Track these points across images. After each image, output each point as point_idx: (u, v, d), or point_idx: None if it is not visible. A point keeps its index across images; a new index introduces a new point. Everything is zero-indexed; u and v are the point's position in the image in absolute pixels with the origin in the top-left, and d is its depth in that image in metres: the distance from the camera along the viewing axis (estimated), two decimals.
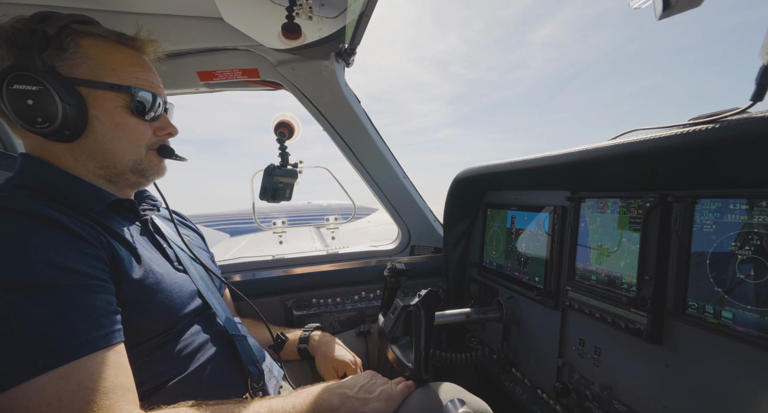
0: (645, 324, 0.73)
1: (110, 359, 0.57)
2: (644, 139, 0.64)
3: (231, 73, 1.31)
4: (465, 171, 1.34)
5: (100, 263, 0.64)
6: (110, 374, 0.56)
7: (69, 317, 0.55)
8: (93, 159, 0.75)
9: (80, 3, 0.95)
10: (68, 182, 0.73)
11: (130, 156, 0.78)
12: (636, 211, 0.79)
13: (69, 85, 0.69)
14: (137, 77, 0.76)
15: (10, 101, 0.67)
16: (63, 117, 0.68)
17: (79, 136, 0.72)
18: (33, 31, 0.68)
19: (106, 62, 0.73)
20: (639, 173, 0.78)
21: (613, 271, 0.84)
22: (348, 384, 0.82)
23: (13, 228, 0.57)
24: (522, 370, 1.17)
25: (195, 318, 0.83)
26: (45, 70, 0.68)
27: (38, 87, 0.66)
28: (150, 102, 0.77)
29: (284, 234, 1.73)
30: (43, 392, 0.50)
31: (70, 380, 0.52)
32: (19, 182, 0.71)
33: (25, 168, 0.73)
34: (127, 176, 0.79)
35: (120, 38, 0.76)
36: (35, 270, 0.55)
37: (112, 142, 0.75)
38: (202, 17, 1.08)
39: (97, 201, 0.75)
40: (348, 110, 1.41)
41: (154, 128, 0.81)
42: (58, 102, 0.67)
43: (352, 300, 1.53)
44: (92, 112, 0.72)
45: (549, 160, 0.89)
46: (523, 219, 1.20)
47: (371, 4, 0.96)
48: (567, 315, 0.99)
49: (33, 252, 0.56)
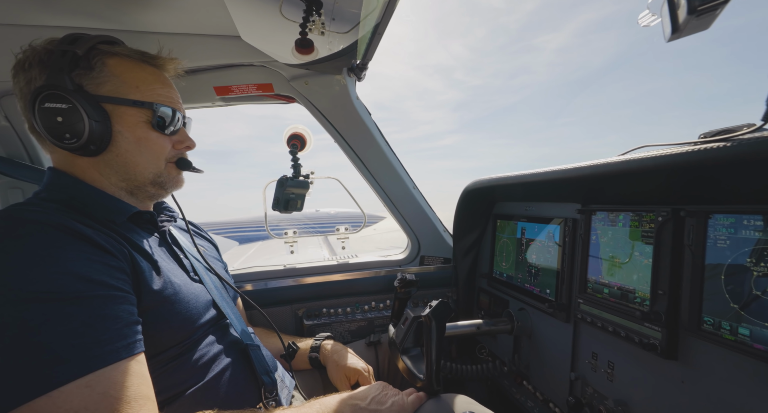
0: (660, 339, 0.73)
1: (132, 368, 0.59)
2: (655, 156, 0.65)
3: (246, 88, 1.35)
4: (475, 182, 1.36)
5: (122, 274, 0.66)
6: (132, 383, 0.58)
7: (94, 327, 0.57)
8: (116, 172, 0.78)
9: (107, 24, 1.00)
10: (92, 195, 0.76)
11: (151, 169, 0.81)
12: (648, 225, 0.79)
13: (95, 103, 0.72)
14: (158, 93, 0.80)
15: (41, 118, 0.70)
16: (89, 133, 0.71)
17: (104, 150, 0.75)
18: (63, 52, 0.72)
19: (129, 80, 0.77)
20: (649, 187, 0.79)
21: (625, 285, 0.84)
22: (360, 396, 0.82)
23: (44, 241, 0.59)
24: (534, 383, 1.16)
25: (210, 329, 0.85)
26: (74, 88, 0.71)
27: (67, 105, 0.70)
28: (170, 117, 0.81)
29: (295, 243, 1.75)
30: (70, 400, 0.52)
31: (95, 389, 0.54)
32: (47, 196, 0.74)
33: (53, 182, 0.76)
34: (147, 188, 0.82)
35: (143, 57, 0.80)
36: (64, 282, 0.57)
37: (134, 155, 0.78)
38: (221, 36, 1.13)
39: (119, 213, 0.77)
40: (359, 123, 1.44)
41: (173, 142, 0.84)
42: (86, 119, 0.70)
43: (362, 310, 1.54)
44: (116, 127, 0.75)
45: (560, 173, 0.89)
46: (533, 230, 1.21)
47: (385, 20, 0.99)
48: (579, 328, 0.99)
49: (62, 264, 0.58)
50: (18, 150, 1.35)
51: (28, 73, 0.73)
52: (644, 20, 0.73)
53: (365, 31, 1.10)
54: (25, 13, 0.93)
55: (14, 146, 1.34)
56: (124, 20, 0.99)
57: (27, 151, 1.36)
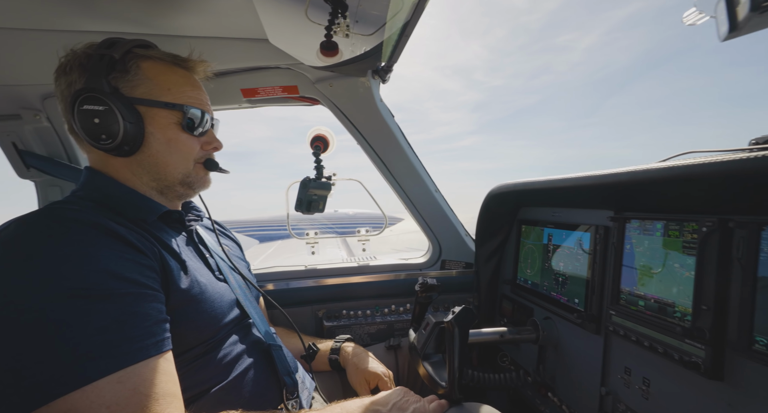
0: (703, 357, 0.68)
1: (160, 366, 0.60)
2: (703, 163, 0.60)
3: (272, 90, 1.36)
4: (499, 186, 1.32)
5: (153, 273, 0.67)
6: (161, 380, 0.58)
7: (125, 324, 0.58)
8: (147, 172, 0.80)
9: (142, 29, 1.03)
10: (125, 195, 0.78)
11: (180, 169, 0.82)
12: (690, 235, 0.74)
13: (129, 105, 0.75)
14: (188, 95, 0.81)
15: (80, 119, 0.73)
16: (124, 134, 0.73)
17: (137, 151, 0.78)
18: (102, 56, 0.74)
19: (162, 82, 0.79)
20: (692, 196, 0.74)
21: (663, 297, 0.79)
22: (381, 401, 0.81)
23: (82, 239, 0.61)
24: (560, 396, 1.11)
25: (234, 328, 0.86)
26: (110, 91, 0.74)
27: (104, 107, 0.72)
28: (199, 118, 0.82)
29: (316, 244, 1.76)
30: (102, 395, 0.53)
31: (126, 384, 0.55)
32: (84, 194, 0.76)
33: (89, 181, 0.79)
34: (176, 188, 0.84)
35: (174, 60, 0.82)
36: (98, 279, 0.58)
37: (165, 156, 0.80)
38: (249, 39, 1.15)
39: (150, 212, 0.79)
40: (382, 125, 1.43)
41: (201, 143, 0.85)
42: (120, 120, 0.73)
43: (381, 313, 1.53)
44: (148, 128, 0.77)
45: (594, 179, 0.86)
46: (560, 237, 1.16)
47: (414, 19, 0.98)
48: (610, 341, 0.94)
49: (97, 261, 0.60)
50: (58, 149, 1.41)
51: (69, 77, 0.76)
52: (690, 19, 0.68)
53: (391, 32, 1.09)
54: (66, 19, 0.97)
55: (54, 146, 1.41)
56: (158, 24, 1.03)
57: (66, 150, 1.43)
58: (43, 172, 1.41)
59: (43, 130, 1.36)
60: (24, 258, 0.56)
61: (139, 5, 0.94)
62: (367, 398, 0.82)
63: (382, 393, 0.85)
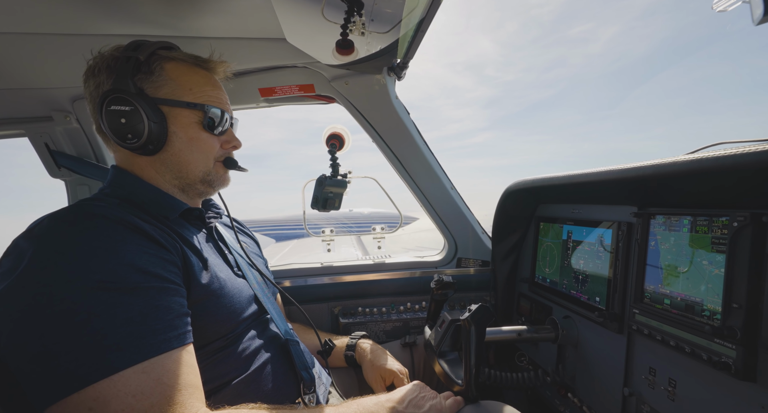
0: (734, 357, 0.65)
1: (183, 358, 0.61)
2: (735, 154, 0.58)
3: (289, 89, 1.38)
4: (517, 183, 1.30)
5: (175, 268, 0.69)
6: (183, 372, 0.60)
7: (149, 316, 0.60)
8: (170, 170, 0.83)
9: (165, 31, 1.07)
10: (149, 192, 0.81)
11: (201, 167, 0.84)
12: (720, 231, 0.71)
13: (154, 105, 0.77)
14: (209, 95, 0.83)
15: (107, 120, 0.76)
16: (148, 133, 0.76)
17: (160, 150, 0.80)
18: (128, 58, 0.77)
19: (184, 83, 0.81)
20: (721, 190, 0.71)
21: (691, 296, 0.76)
22: (397, 398, 0.81)
23: (109, 235, 0.63)
24: (580, 396, 1.09)
25: (252, 323, 0.87)
26: (136, 92, 0.76)
27: (130, 107, 0.75)
28: (219, 117, 0.84)
29: (332, 242, 1.78)
30: (128, 384, 0.54)
31: (150, 375, 0.56)
32: (110, 192, 0.79)
33: (115, 179, 0.82)
34: (197, 186, 0.86)
35: (196, 61, 0.84)
36: (124, 273, 0.60)
37: (187, 154, 0.82)
38: (267, 39, 1.17)
39: (172, 209, 0.82)
40: (398, 122, 1.43)
41: (221, 142, 0.87)
42: (145, 120, 0.75)
43: (397, 311, 1.53)
44: (171, 128, 0.80)
45: (617, 173, 0.83)
46: (581, 234, 1.14)
47: (430, 16, 0.98)
48: (634, 340, 0.92)
49: (122, 256, 0.62)
50: (86, 150, 1.47)
51: (97, 78, 0.79)
52: (720, 5, 0.66)
53: (407, 29, 1.09)
54: (93, 24, 1.01)
55: (83, 146, 1.47)
56: (180, 26, 1.06)
57: (94, 151, 1.48)
58: (72, 172, 1.47)
59: (73, 131, 1.43)
60: (55, 253, 0.59)
61: (162, 8, 0.97)
62: (383, 395, 0.82)
63: (399, 390, 0.85)
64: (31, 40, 1.04)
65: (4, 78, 1.19)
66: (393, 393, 0.83)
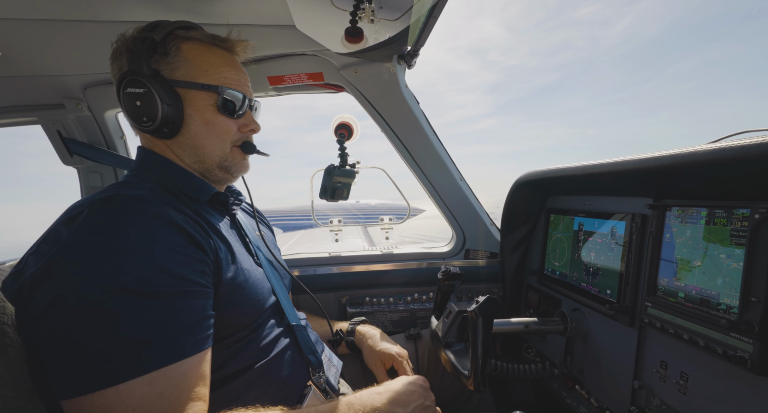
0: (751, 352, 0.64)
1: (193, 368, 0.59)
2: (764, 142, 0.56)
3: (298, 77, 1.37)
4: (527, 174, 1.28)
5: (204, 267, 0.67)
6: (188, 385, 0.58)
7: (166, 323, 0.58)
8: (188, 154, 0.81)
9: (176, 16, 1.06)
10: (180, 174, 0.80)
11: (217, 152, 0.82)
12: (740, 223, 0.69)
13: (169, 87, 0.75)
14: (225, 76, 0.80)
15: (124, 103, 0.76)
16: (163, 116, 0.74)
17: (177, 133, 0.78)
18: (144, 39, 0.75)
19: (200, 63, 0.78)
20: (741, 181, 0.69)
21: (706, 289, 0.75)
22: (402, 401, 0.77)
23: (143, 231, 0.61)
24: (588, 388, 1.09)
25: (271, 312, 0.87)
26: (150, 74, 0.75)
27: (144, 89, 0.73)
28: (235, 100, 0.81)
29: (339, 232, 1.78)
30: (131, 396, 0.53)
31: (154, 387, 0.54)
32: (142, 174, 0.78)
33: (145, 160, 0.81)
34: (215, 172, 0.84)
35: (214, 40, 0.82)
36: (150, 274, 0.58)
37: (203, 138, 0.80)
38: (276, 25, 1.15)
39: (203, 192, 0.80)
40: (407, 111, 1.42)
41: (238, 125, 0.84)
42: (159, 102, 0.73)
43: (404, 301, 1.53)
44: (187, 110, 0.78)
45: (632, 164, 0.81)
46: (592, 226, 1.12)
47: (441, 4, 0.95)
48: (645, 333, 0.90)
49: (152, 255, 0.59)
50: (98, 137, 1.49)
51: (119, 62, 0.78)
52: None
53: (419, 15, 1.06)
54: (104, 10, 1.01)
55: (94, 134, 1.48)
56: (193, 11, 1.04)
57: (105, 138, 1.50)
58: (85, 158, 1.49)
59: (85, 119, 1.44)
60: (88, 245, 0.58)
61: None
62: (385, 393, 0.77)
63: (404, 389, 0.80)
64: (43, 26, 1.04)
65: (17, 65, 1.20)
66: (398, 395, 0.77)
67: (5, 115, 1.42)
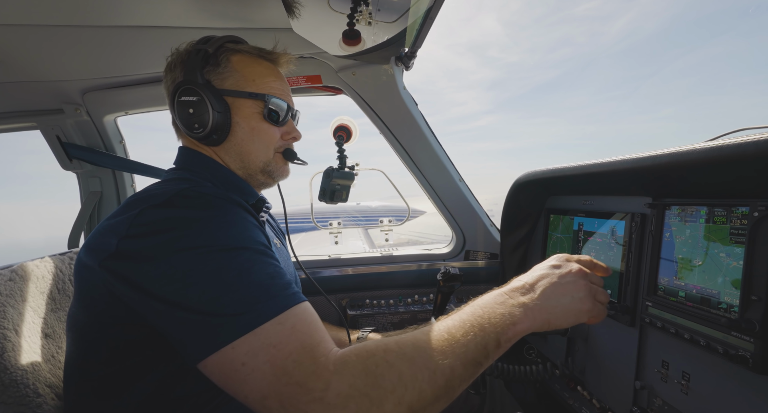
0: (752, 351, 0.64)
1: (308, 310, 0.63)
2: (760, 140, 0.56)
3: (296, 80, 1.38)
4: (527, 174, 1.28)
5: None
6: (311, 320, 0.61)
7: (279, 275, 0.63)
8: (233, 159, 0.85)
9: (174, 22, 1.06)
10: (229, 176, 0.84)
11: (261, 157, 0.86)
12: (740, 221, 0.69)
13: (219, 96, 0.79)
14: (271, 86, 0.85)
15: (178, 110, 0.79)
16: (213, 123, 0.78)
17: (224, 139, 0.82)
18: (198, 51, 0.80)
19: (248, 74, 0.83)
20: (741, 179, 0.69)
21: (707, 288, 0.74)
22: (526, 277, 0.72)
23: (229, 211, 0.66)
24: (589, 389, 1.08)
25: None
26: (203, 83, 0.79)
27: (197, 98, 0.77)
28: (279, 108, 0.85)
29: (339, 234, 1.78)
30: (269, 336, 0.56)
31: (285, 325, 0.57)
32: (194, 174, 0.81)
33: (194, 161, 0.84)
34: (257, 177, 0.88)
35: (260, 52, 0.87)
36: (255, 237, 0.65)
37: (248, 144, 0.84)
38: (274, 29, 1.15)
39: (251, 195, 0.85)
40: (405, 113, 1.42)
41: (281, 132, 0.88)
42: (211, 110, 0.77)
43: (405, 303, 1.53)
44: (234, 118, 0.82)
45: (631, 163, 0.81)
46: (592, 226, 1.12)
47: (438, 4, 0.96)
48: (646, 333, 0.90)
49: (247, 227, 0.66)
50: (96, 141, 1.49)
51: (173, 73, 0.82)
52: None
53: (415, 17, 1.07)
54: (102, 15, 1.01)
55: (93, 138, 1.48)
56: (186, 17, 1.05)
57: (104, 142, 1.50)
58: (86, 162, 1.49)
59: (84, 124, 1.44)
60: (199, 219, 0.62)
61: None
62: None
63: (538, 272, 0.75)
64: (41, 31, 1.04)
65: (15, 70, 1.20)
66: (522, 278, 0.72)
67: (4, 120, 1.42)
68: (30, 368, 0.71)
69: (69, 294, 0.95)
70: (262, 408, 0.54)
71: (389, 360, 0.55)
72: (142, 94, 1.42)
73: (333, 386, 0.52)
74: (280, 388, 0.52)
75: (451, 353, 0.57)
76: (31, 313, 0.81)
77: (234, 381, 0.54)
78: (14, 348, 0.57)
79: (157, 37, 1.13)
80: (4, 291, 0.76)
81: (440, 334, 0.59)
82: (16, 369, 0.67)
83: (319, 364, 0.54)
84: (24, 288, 0.82)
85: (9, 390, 0.64)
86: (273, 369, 0.53)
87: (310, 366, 0.53)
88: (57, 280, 0.92)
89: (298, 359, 0.54)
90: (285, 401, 0.52)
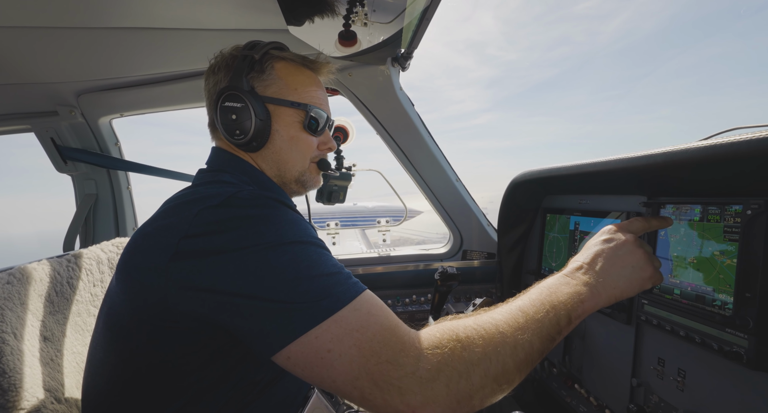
0: (746, 347, 0.64)
1: (374, 296, 0.63)
2: (752, 139, 0.56)
3: None
4: (523, 174, 1.29)
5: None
6: (382, 305, 0.61)
7: (341, 266, 0.63)
8: (270, 167, 0.84)
9: (163, 23, 1.06)
10: (267, 182, 0.83)
11: (297, 167, 0.85)
12: (733, 219, 0.70)
13: (261, 103, 0.78)
14: (312, 96, 0.84)
15: (220, 115, 0.78)
16: (254, 130, 0.77)
17: (263, 147, 0.81)
18: (245, 57, 0.78)
19: (290, 82, 0.82)
20: (734, 177, 0.70)
21: (701, 285, 0.75)
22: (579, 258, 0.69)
23: (286, 210, 0.66)
24: (587, 387, 1.09)
25: None
26: (248, 89, 0.78)
27: (241, 104, 0.77)
28: (319, 118, 0.85)
29: (337, 235, 1.78)
30: (349, 321, 0.56)
31: (361, 310, 0.57)
32: (236, 179, 0.79)
33: (232, 164, 0.83)
34: (291, 186, 0.87)
35: (304, 61, 0.86)
36: (314, 235, 0.65)
37: (286, 152, 0.83)
38: (270, 30, 1.15)
39: (288, 200, 0.84)
40: (402, 114, 1.42)
41: (318, 142, 0.88)
42: (253, 117, 0.77)
43: (403, 303, 1.53)
44: (275, 126, 0.81)
45: (626, 162, 0.82)
46: (588, 225, 1.13)
47: (434, 4, 0.96)
48: (642, 331, 0.91)
49: (304, 224, 0.66)
50: (91, 143, 1.48)
51: (216, 76, 0.81)
52: None
53: (411, 18, 1.07)
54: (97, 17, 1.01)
55: (88, 140, 1.47)
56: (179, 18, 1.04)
57: (99, 144, 1.49)
58: (81, 163, 1.48)
59: (78, 126, 1.43)
60: (262, 217, 0.62)
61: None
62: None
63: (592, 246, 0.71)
64: (35, 33, 1.04)
65: (9, 72, 1.19)
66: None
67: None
68: (29, 372, 0.71)
69: (67, 297, 0.94)
70: (353, 389, 0.54)
71: (471, 336, 0.56)
72: (138, 95, 1.41)
73: (423, 360, 0.53)
74: (371, 368, 0.53)
75: (528, 329, 0.58)
76: (29, 316, 0.80)
77: (320, 367, 0.55)
78: (13, 352, 0.57)
79: (151, 38, 1.12)
80: (2, 295, 0.75)
81: (515, 313, 0.61)
82: (15, 372, 0.67)
83: (405, 342, 0.55)
84: (22, 291, 0.81)
85: (8, 394, 0.63)
86: (360, 351, 0.54)
87: (397, 344, 0.55)
88: (55, 283, 0.91)
89: (383, 340, 0.55)
90: (378, 379, 0.53)
